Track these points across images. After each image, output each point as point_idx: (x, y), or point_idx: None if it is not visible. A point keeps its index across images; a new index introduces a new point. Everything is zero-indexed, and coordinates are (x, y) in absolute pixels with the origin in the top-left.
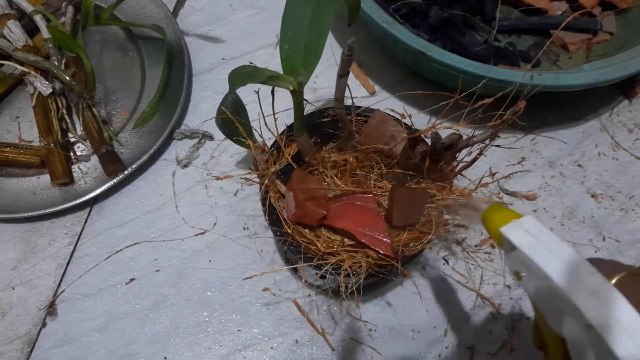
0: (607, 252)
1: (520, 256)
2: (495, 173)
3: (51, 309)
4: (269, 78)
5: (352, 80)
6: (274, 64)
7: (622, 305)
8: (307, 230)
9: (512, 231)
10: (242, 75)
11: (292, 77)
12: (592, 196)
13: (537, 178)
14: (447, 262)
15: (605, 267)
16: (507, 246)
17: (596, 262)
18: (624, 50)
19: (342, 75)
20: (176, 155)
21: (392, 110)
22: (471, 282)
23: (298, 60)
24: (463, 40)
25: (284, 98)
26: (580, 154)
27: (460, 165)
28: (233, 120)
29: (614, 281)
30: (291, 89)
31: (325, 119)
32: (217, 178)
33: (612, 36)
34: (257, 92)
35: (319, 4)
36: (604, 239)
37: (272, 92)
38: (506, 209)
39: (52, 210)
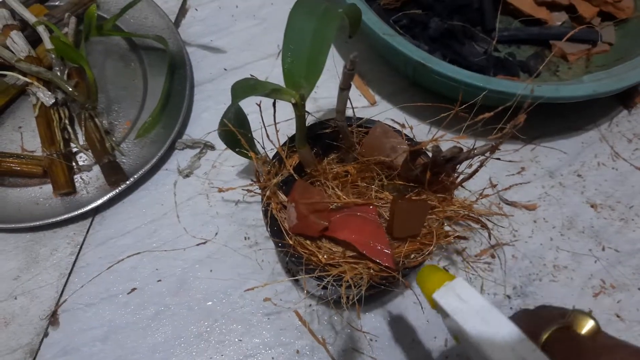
0: (607, 262)
1: (453, 322)
2: (495, 185)
3: (53, 319)
4: (272, 91)
5: (353, 90)
6: (275, 74)
7: None
8: (308, 242)
9: (444, 297)
10: (245, 87)
11: (294, 90)
12: (592, 206)
13: (536, 188)
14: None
15: (537, 321)
16: (442, 311)
17: (526, 315)
18: (623, 61)
19: (344, 88)
20: (178, 165)
21: (393, 120)
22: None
23: (300, 73)
24: (463, 50)
25: (285, 108)
26: (580, 164)
27: (461, 177)
28: (235, 132)
29: (545, 337)
30: (293, 102)
31: (327, 130)
32: (220, 190)
33: (611, 47)
34: (259, 105)
35: (322, 18)
36: (603, 249)
37: (274, 104)
38: (439, 271)
39: (54, 220)
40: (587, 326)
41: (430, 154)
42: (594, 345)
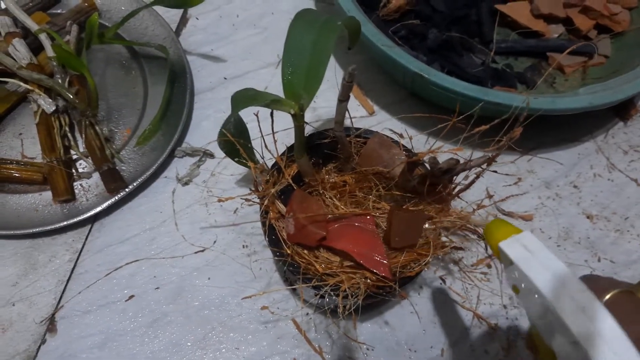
0: (602, 273)
1: (516, 271)
2: (492, 195)
3: (51, 326)
4: (272, 102)
5: (351, 100)
6: (275, 83)
7: (609, 324)
8: (305, 251)
9: (510, 246)
10: (245, 98)
11: (294, 101)
12: (588, 217)
13: (533, 199)
14: (444, 281)
15: (601, 283)
16: (506, 260)
17: (592, 279)
18: (619, 73)
19: (343, 100)
20: (176, 173)
21: (391, 130)
22: (468, 301)
23: (300, 84)
24: (461, 61)
25: (284, 117)
26: (576, 175)
27: (458, 188)
28: (235, 142)
29: (607, 298)
30: (292, 112)
31: (325, 140)
32: (219, 200)
33: (607, 59)
34: (257, 115)
35: (321, 30)
36: (599, 260)
37: (272, 114)
38: (507, 224)
39: (53, 227)
40: None
41: (427, 165)
42: None
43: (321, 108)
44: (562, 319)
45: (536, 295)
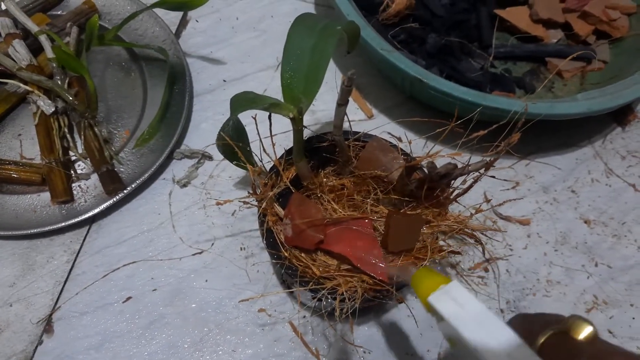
0: (600, 278)
1: (449, 326)
2: (490, 199)
3: (48, 327)
4: (271, 105)
5: (350, 103)
6: (274, 86)
7: None
8: (303, 254)
9: (440, 301)
10: (244, 101)
11: (293, 104)
12: (585, 222)
13: (531, 203)
14: None
15: (533, 326)
16: (437, 315)
17: (523, 321)
18: (618, 79)
19: (341, 104)
20: (173, 176)
21: (390, 134)
22: None
23: (299, 88)
24: (460, 66)
25: (282, 120)
26: (574, 180)
27: (456, 192)
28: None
29: (541, 341)
30: (291, 116)
31: (324, 144)
32: (218, 203)
33: (606, 64)
34: (254, 118)
35: (321, 34)
36: (596, 265)
37: (269, 117)
38: (434, 274)
39: (51, 227)
40: (585, 332)
41: (425, 170)
42: (591, 350)
43: (320, 111)
44: None
45: (472, 353)
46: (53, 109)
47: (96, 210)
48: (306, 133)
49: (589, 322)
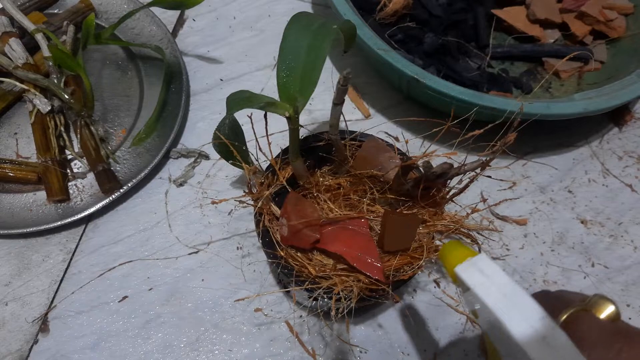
0: (596, 278)
1: (474, 297)
2: (486, 199)
3: (43, 326)
4: (267, 104)
5: (347, 103)
6: (271, 85)
7: (571, 352)
8: (299, 254)
9: (466, 271)
10: (240, 100)
11: (289, 103)
12: (582, 222)
13: (527, 203)
14: (438, 285)
15: (556, 302)
16: (463, 286)
17: (546, 297)
18: (615, 79)
19: (337, 103)
20: (169, 175)
21: (387, 134)
22: (461, 305)
23: (295, 87)
24: (457, 66)
25: (278, 120)
26: (571, 180)
27: (452, 192)
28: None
29: (563, 318)
30: (287, 115)
31: (320, 143)
32: (213, 202)
33: (603, 65)
34: (250, 117)
35: (317, 33)
36: (592, 265)
37: (265, 116)
38: (463, 247)
39: (47, 226)
40: (607, 311)
41: (421, 169)
42: (614, 328)
43: (317, 111)
44: (523, 350)
45: (496, 323)
46: (49, 108)
47: (92, 209)
48: (303, 132)
49: (612, 301)
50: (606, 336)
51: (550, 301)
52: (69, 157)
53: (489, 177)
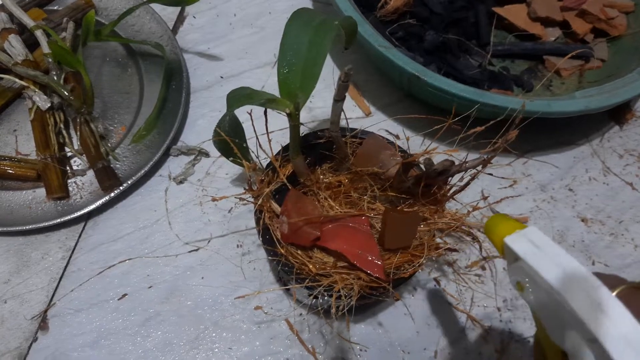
0: None
1: (524, 267)
2: (487, 197)
3: (42, 324)
4: (267, 101)
5: (347, 100)
6: (271, 82)
7: (627, 320)
8: (299, 252)
9: (516, 242)
10: (241, 96)
11: (289, 100)
12: (583, 220)
13: (528, 201)
14: (438, 283)
15: (607, 280)
16: (511, 256)
17: (598, 275)
18: (615, 77)
19: (338, 100)
20: (169, 172)
21: (387, 131)
22: (462, 303)
23: (295, 84)
24: (458, 64)
25: (279, 117)
26: (571, 178)
27: (453, 189)
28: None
29: (615, 293)
30: (288, 112)
31: (321, 141)
32: (213, 199)
33: (604, 63)
34: (250, 114)
35: (318, 30)
36: (593, 263)
37: (265, 113)
38: (510, 219)
39: (46, 224)
40: None
41: (422, 167)
42: None
43: (317, 108)
44: (577, 316)
45: (547, 293)
46: (49, 105)
47: (92, 207)
48: (303, 130)
49: None
50: None
51: (603, 278)
52: (69, 154)
53: (490, 174)
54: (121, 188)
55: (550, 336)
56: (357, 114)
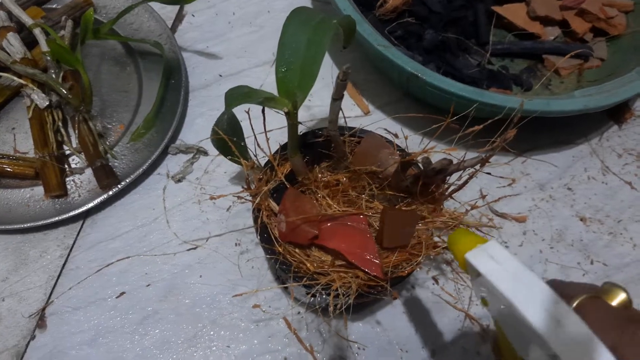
0: (595, 275)
1: (485, 283)
2: (486, 196)
3: (40, 321)
4: (265, 99)
5: (346, 99)
6: (270, 81)
7: (586, 335)
8: (297, 250)
9: (477, 257)
10: (239, 95)
11: (288, 99)
12: (581, 220)
13: (527, 200)
14: (436, 281)
15: (566, 290)
16: (473, 272)
17: (557, 285)
18: (615, 77)
19: (337, 98)
20: (167, 171)
21: (386, 130)
22: (460, 302)
23: (293, 82)
24: (457, 62)
25: (277, 116)
26: (570, 177)
27: (451, 188)
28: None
29: (575, 304)
30: (286, 110)
31: (319, 139)
32: (212, 198)
33: (603, 62)
34: (248, 112)
35: (316, 28)
36: (591, 263)
37: (263, 112)
38: (472, 234)
39: (44, 222)
40: (619, 298)
41: (420, 165)
42: (627, 313)
43: (316, 107)
44: (537, 333)
45: (508, 309)
46: (47, 103)
47: (90, 205)
48: (301, 129)
49: (623, 288)
50: (619, 320)
51: (561, 289)
52: (67, 152)
53: (489, 174)
54: (119, 186)
55: (516, 350)
56: (355, 113)
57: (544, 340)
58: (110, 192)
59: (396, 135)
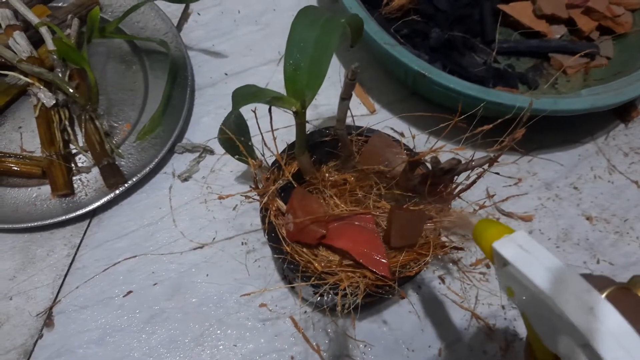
0: (601, 274)
1: (513, 272)
2: (492, 195)
3: (48, 320)
4: (273, 99)
5: (353, 98)
6: (276, 80)
7: (618, 322)
8: (305, 250)
9: (505, 246)
10: (246, 94)
11: (296, 98)
12: (587, 219)
13: (533, 199)
14: (443, 281)
15: (595, 281)
16: (499, 261)
17: (586, 277)
18: (621, 75)
19: (345, 98)
20: (174, 170)
21: (393, 129)
22: (466, 301)
23: (301, 82)
24: (463, 61)
25: (283, 115)
26: (576, 176)
27: (459, 188)
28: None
29: (605, 294)
30: (294, 110)
31: (326, 138)
32: (219, 197)
33: (609, 61)
34: (254, 111)
35: (324, 28)
36: (598, 262)
37: (270, 111)
38: (498, 224)
39: (51, 221)
40: None
41: (428, 165)
42: None
43: (322, 106)
44: (568, 320)
45: (537, 297)
46: (54, 102)
47: (97, 204)
48: (308, 128)
49: None
50: None
51: (590, 280)
52: (74, 151)
53: (497, 174)
54: (126, 185)
55: (543, 341)
56: (361, 112)
57: (576, 328)
58: (117, 191)
59: (403, 135)
